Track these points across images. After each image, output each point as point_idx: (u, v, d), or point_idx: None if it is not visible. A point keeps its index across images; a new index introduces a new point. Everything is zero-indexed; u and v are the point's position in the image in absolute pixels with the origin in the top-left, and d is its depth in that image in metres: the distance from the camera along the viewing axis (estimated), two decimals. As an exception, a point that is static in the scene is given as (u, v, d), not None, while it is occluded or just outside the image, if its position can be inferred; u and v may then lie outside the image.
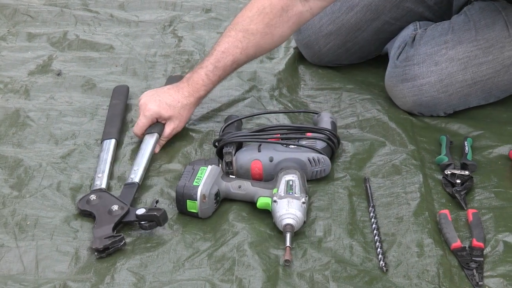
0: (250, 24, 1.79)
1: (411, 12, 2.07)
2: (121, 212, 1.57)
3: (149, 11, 2.45)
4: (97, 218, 1.57)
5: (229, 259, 1.48)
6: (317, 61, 2.16)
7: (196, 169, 1.63)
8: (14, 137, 1.84)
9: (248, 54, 1.82)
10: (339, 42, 2.11)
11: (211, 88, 1.84)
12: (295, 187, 1.59)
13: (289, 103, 1.99)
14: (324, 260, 1.50)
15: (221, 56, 1.80)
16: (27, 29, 2.33)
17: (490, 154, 1.81)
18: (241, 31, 1.80)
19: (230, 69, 1.83)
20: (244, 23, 1.80)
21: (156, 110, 1.79)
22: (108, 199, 1.61)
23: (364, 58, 2.17)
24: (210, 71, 1.81)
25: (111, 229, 1.53)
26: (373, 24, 2.09)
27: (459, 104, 1.93)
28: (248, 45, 1.80)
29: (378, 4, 2.07)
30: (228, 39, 1.81)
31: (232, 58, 1.81)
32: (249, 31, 1.79)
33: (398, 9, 2.07)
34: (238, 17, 1.82)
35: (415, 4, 2.07)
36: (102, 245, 1.49)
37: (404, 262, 1.49)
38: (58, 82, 2.08)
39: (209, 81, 1.82)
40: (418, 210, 1.61)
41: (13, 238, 1.54)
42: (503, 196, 1.67)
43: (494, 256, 1.52)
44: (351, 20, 2.08)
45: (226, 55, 1.80)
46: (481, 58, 1.89)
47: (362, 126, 1.90)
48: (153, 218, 1.54)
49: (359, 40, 2.11)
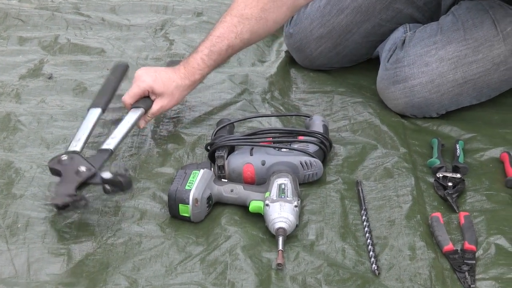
0: (245, 9, 1.81)
1: (401, 13, 2.08)
2: (87, 174, 1.55)
3: (141, 15, 2.45)
4: (63, 176, 1.55)
5: (221, 263, 1.48)
6: (308, 65, 2.16)
7: (188, 173, 1.63)
8: (5, 141, 1.84)
9: (243, 38, 1.83)
10: (330, 45, 2.11)
11: (206, 72, 1.84)
12: (287, 190, 1.59)
13: (281, 106, 2.00)
14: (316, 263, 1.50)
15: (216, 40, 1.82)
16: (18, 33, 2.33)
17: (482, 157, 1.81)
18: (236, 16, 1.82)
19: (226, 53, 1.84)
20: (239, 8, 1.82)
21: (150, 83, 1.80)
22: (78, 161, 1.59)
23: (355, 62, 2.18)
24: (206, 55, 1.82)
25: (74, 189, 1.51)
26: (363, 26, 2.09)
27: (451, 104, 1.94)
28: (243, 29, 1.82)
29: (368, 6, 2.07)
30: (224, 24, 1.83)
31: (227, 42, 1.82)
32: (244, 16, 1.81)
33: (388, 10, 2.07)
34: (234, 3, 1.84)
35: (404, 5, 2.08)
36: (61, 202, 1.48)
37: (397, 265, 1.49)
38: (49, 85, 2.07)
39: (204, 65, 1.83)
40: (410, 213, 1.61)
41: (4, 241, 1.53)
42: (494, 199, 1.68)
43: (486, 258, 1.52)
44: (341, 22, 2.09)
45: (221, 40, 1.82)
46: (470, 57, 1.90)
47: (354, 129, 1.90)
48: (117, 183, 1.53)
49: (349, 42, 2.11)
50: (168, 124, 1.92)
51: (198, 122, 1.92)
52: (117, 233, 1.57)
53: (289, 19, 2.15)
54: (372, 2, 2.07)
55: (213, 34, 1.83)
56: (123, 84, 1.92)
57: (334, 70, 2.17)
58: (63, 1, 2.50)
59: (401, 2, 2.07)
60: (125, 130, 1.73)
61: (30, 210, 1.61)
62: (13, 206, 1.63)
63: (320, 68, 2.16)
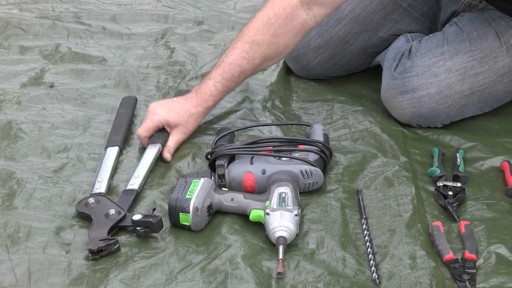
0: (256, 35, 1.82)
1: (398, 24, 2.08)
2: (117, 217, 1.58)
3: (142, 24, 2.46)
4: (93, 221, 1.58)
5: (222, 272, 1.48)
6: (305, 75, 2.16)
7: (189, 182, 1.63)
8: (6, 150, 1.84)
9: (254, 64, 1.84)
10: (327, 56, 2.12)
11: (219, 98, 1.87)
12: (288, 199, 1.59)
13: (282, 115, 2.00)
14: (317, 272, 1.50)
15: (229, 67, 1.84)
16: (19, 42, 2.33)
17: (482, 166, 1.81)
18: (248, 42, 1.83)
19: (238, 79, 1.86)
20: (250, 34, 1.83)
21: (165, 116, 1.82)
22: (106, 203, 1.63)
23: (351, 72, 2.18)
24: (218, 82, 1.84)
25: (107, 232, 1.54)
26: (360, 37, 2.10)
27: (456, 115, 1.94)
28: (254, 55, 1.83)
29: (366, 16, 2.08)
30: (235, 50, 1.84)
31: (240, 69, 1.84)
32: (255, 42, 1.82)
33: (385, 21, 2.08)
34: (245, 29, 1.85)
35: (401, 16, 2.08)
36: (96, 247, 1.50)
37: (397, 274, 1.49)
38: (50, 94, 2.07)
39: (217, 91, 1.84)
40: (410, 222, 1.61)
41: (5, 250, 1.54)
42: (495, 208, 1.68)
43: (486, 267, 1.52)
44: (339, 33, 2.09)
45: (233, 66, 1.83)
46: (477, 68, 1.91)
47: (354, 138, 1.90)
48: (149, 225, 1.55)
49: (347, 53, 2.12)
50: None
51: (199, 131, 1.92)
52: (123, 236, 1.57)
53: None
54: (369, 13, 2.08)
55: (225, 61, 1.84)
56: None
57: (335, 79, 2.17)
58: (64, 10, 2.51)
59: (398, 13, 2.08)
60: (146, 168, 1.74)
61: (31, 220, 1.61)
62: (14, 215, 1.63)
63: (317, 78, 2.16)
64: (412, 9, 2.07)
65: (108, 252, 1.51)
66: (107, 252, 1.51)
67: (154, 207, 1.62)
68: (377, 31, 2.09)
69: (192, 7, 2.55)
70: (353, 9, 2.08)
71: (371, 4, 2.07)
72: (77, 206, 1.63)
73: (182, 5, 2.56)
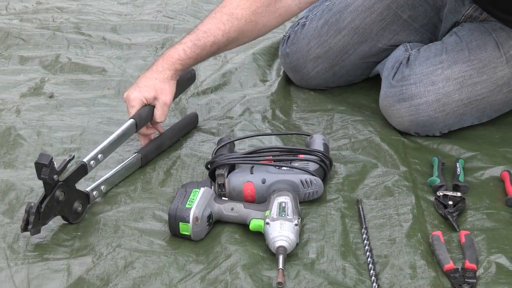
0: (236, 9, 1.82)
1: (398, 35, 2.08)
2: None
3: (142, 34, 2.46)
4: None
5: (221, 282, 1.48)
6: (304, 85, 2.16)
7: (189, 191, 1.63)
8: (5, 157, 1.84)
9: (229, 37, 1.84)
10: (327, 66, 2.12)
11: (188, 64, 1.84)
12: (288, 209, 1.59)
13: (282, 125, 2.00)
14: (317, 282, 1.49)
15: (202, 35, 1.82)
16: (19, 52, 2.34)
17: (482, 176, 1.81)
18: (226, 14, 1.82)
19: (210, 49, 1.84)
20: (230, 7, 1.83)
21: (138, 95, 1.80)
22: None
23: (350, 82, 2.18)
24: (188, 48, 1.82)
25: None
26: (360, 47, 2.10)
27: (454, 124, 1.94)
28: (231, 28, 1.82)
29: (366, 27, 2.08)
30: (212, 20, 1.83)
31: (213, 38, 1.82)
32: (234, 15, 1.82)
33: (385, 32, 2.08)
34: (226, 0, 1.84)
35: (401, 28, 2.08)
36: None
37: (397, 284, 1.49)
38: (49, 104, 2.07)
39: (186, 56, 1.82)
40: (410, 232, 1.61)
41: (4, 258, 1.53)
42: (495, 218, 1.68)
43: (486, 277, 1.52)
44: (338, 43, 2.10)
45: (207, 35, 1.82)
46: (475, 78, 1.91)
47: (354, 147, 1.90)
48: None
49: (346, 63, 2.12)
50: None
51: (200, 140, 1.92)
52: (117, 249, 1.56)
53: (285, 39, 2.17)
54: (369, 24, 2.08)
55: (200, 29, 1.83)
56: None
57: (335, 89, 2.17)
58: (65, 21, 2.51)
59: (398, 24, 2.08)
60: (107, 141, 1.73)
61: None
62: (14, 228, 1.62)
63: (316, 87, 2.16)
64: (412, 20, 2.07)
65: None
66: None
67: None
68: (377, 42, 2.09)
69: (192, 17, 2.55)
70: (353, 20, 2.08)
71: (371, 15, 2.07)
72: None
73: (182, 15, 2.57)
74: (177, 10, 2.59)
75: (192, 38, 1.82)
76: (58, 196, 1.57)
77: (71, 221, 1.62)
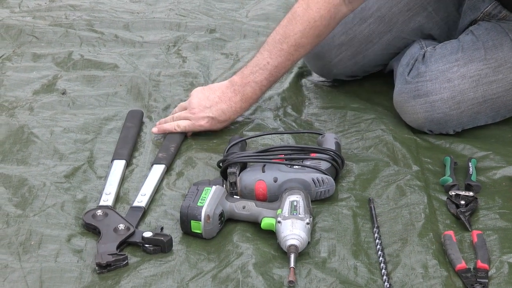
0: (301, 38, 1.86)
1: (421, 27, 2.08)
2: (126, 232, 1.57)
3: (154, 32, 2.46)
4: (102, 234, 1.57)
5: (233, 280, 1.48)
6: (325, 73, 2.17)
7: (200, 190, 1.63)
8: (18, 154, 1.85)
9: (295, 62, 1.94)
10: (350, 54, 2.11)
11: (262, 96, 1.97)
12: (299, 207, 1.59)
13: (293, 123, 2.00)
14: (328, 280, 1.49)
15: (275, 71, 1.89)
16: (32, 49, 2.34)
17: (495, 175, 1.81)
18: (293, 46, 1.87)
19: (281, 78, 1.96)
20: (296, 37, 1.86)
21: (207, 128, 1.92)
22: (114, 217, 1.62)
23: (367, 72, 2.18)
24: (264, 86, 1.92)
25: (115, 247, 1.53)
26: (384, 37, 2.10)
27: (468, 122, 1.94)
28: (299, 57, 1.91)
29: (391, 17, 2.08)
30: (281, 53, 1.87)
31: (284, 71, 1.92)
32: (301, 45, 1.87)
33: (410, 23, 2.08)
34: (288, 31, 1.87)
35: (425, 20, 2.08)
36: (105, 261, 1.49)
37: (409, 283, 1.49)
38: (62, 101, 2.08)
39: (261, 93, 1.93)
40: (422, 231, 1.60)
41: (17, 258, 1.54)
42: (507, 217, 1.67)
43: (499, 277, 1.51)
44: (363, 31, 2.09)
45: (279, 70, 1.89)
46: (491, 76, 1.90)
47: (366, 146, 1.90)
48: (159, 243, 1.55)
49: (369, 52, 2.12)
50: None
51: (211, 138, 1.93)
52: (129, 247, 1.57)
53: None
54: (395, 14, 2.07)
55: (271, 64, 1.88)
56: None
57: (346, 86, 2.16)
58: (77, 18, 2.52)
59: (422, 16, 2.07)
60: (152, 187, 1.73)
61: (44, 228, 1.62)
62: (26, 223, 1.63)
63: (335, 77, 2.16)
64: (435, 13, 2.07)
65: (115, 267, 1.50)
66: (115, 267, 1.50)
67: (162, 226, 1.61)
68: (401, 33, 2.09)
69: (204, 15, 2.56)
70: (379, 9, 2.08)
71: (398, 5, 2.07)
72: (84, 217, 1.62)
73: (195, 13, 2.57)
74: (190, 8, 2.60)
75: (267, 75, 1.89)
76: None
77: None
